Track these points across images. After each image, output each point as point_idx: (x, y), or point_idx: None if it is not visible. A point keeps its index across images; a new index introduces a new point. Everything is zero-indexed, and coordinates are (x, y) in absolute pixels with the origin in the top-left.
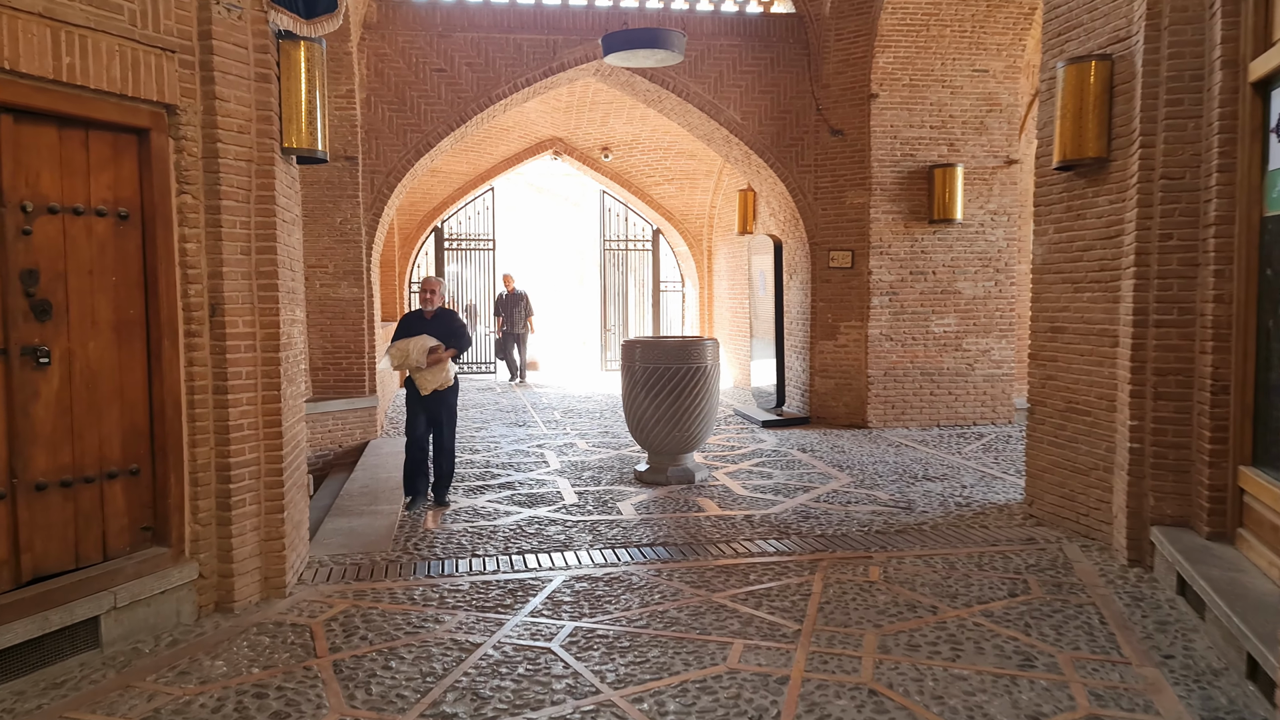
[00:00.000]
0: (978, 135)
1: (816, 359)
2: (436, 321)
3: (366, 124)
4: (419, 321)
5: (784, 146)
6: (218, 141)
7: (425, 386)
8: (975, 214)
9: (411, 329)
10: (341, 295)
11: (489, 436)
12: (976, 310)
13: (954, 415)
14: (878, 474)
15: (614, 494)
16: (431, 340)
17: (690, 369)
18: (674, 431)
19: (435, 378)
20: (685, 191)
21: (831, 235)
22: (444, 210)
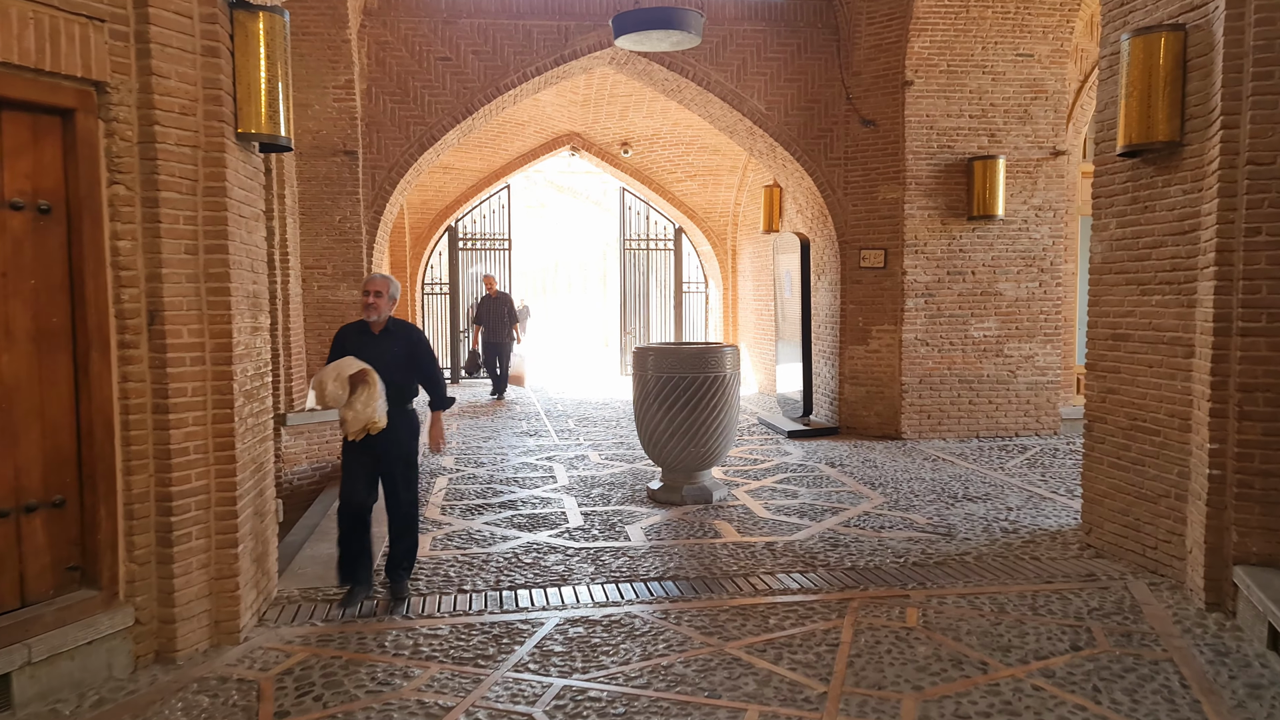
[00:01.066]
0: (1021, 125)
1: (846, 365)
2: (388, 340)
3: (367, 116)
4: (361, 340)
5: (811, 138)
6: (156, 124)
7: (350, 427)
8: (1018, 210)
9: (345, 352)
10: (340, 298)
11: (496, 448)
12: (1019, 313)
13: (995, 426)
14: (913, 493)
15: (623, 516)
16: (356, 363)
17: (707, 379)
18: (690, 447)
19: (363, 413)
20: (708, 188)
21: (862, 233)
22: (457, 209)
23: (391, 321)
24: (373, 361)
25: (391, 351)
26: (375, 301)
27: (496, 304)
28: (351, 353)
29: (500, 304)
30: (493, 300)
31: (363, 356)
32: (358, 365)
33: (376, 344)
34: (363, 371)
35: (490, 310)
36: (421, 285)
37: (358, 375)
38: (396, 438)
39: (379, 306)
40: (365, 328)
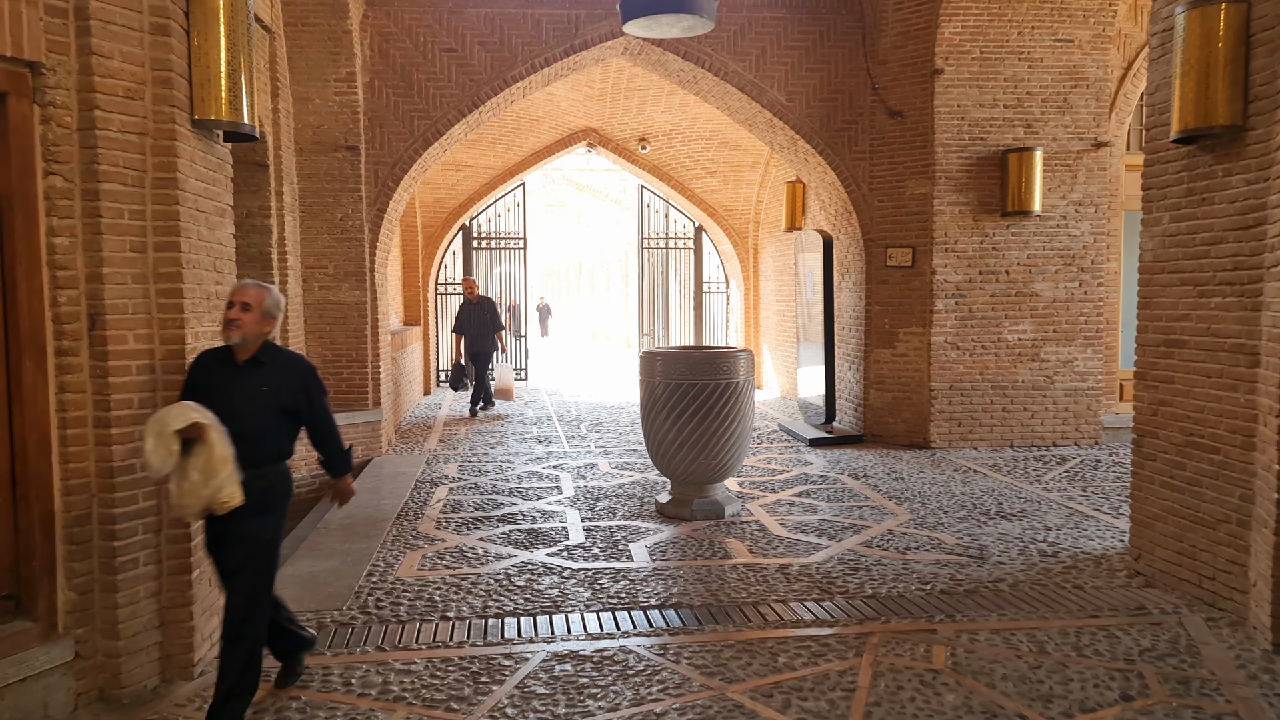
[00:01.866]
0: (1060, 115)
1: (871, 369)
2: (255, 375)
3: (370, 110)
4: (219, 373)
5: (835, 131)
6: (97, 109)
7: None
8: (1056, 205)
9: (197, 389)
10: (342, 298)
11: (503, 455)
12: (1057, 315)
13: (1030, 435)
14: (942, 509)
15: (628, 532)
16: (189, 413)
17: (719, 386)
18: (700, 459)
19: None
20: (729, 185)
21: (889, 230)
22: (471, 207)
23: (265, 349)
24: (229, 404)
25: (258, 391)
26: (239, 317)
27: (478, 310)
28: (205, 390)
29: (482, 310)
30: (473, 306)
31: (217, 397)
32: (189, 416)
33: (237, 380)
34: (194, 426)
35: (471, 317)
36: (435, 285)
37: (189, 430)
38: (250, 514)
39: (243, 325)
40: (229, 355)
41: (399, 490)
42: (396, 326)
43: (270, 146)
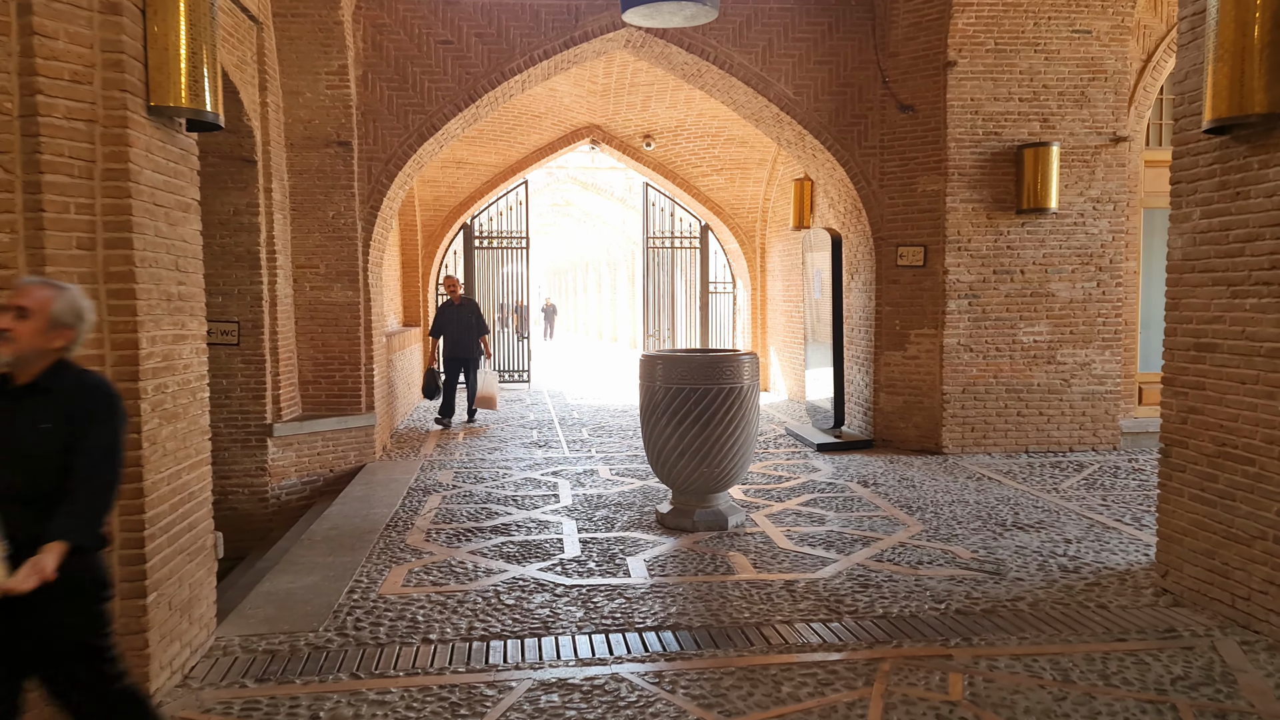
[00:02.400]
0: (1077, 109)
1: (882, 372)
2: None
3: (363, 104)
4: None
5: (844, 126)
6: (39, 94)
7: None
8: (1073, 202)
9: None
10: (334, 299)
11: (500, 460)
12: (1074, 316)
13: (1046, 440)
14: (955, 519)
15: (626, 544)
16: None
17: (722, 390)
18: (702, 467)
19: None
20: (735, 183)
21: (900, 228)
22: (471, 205)
23: (54, 371)
24: None
25: (33, 428)
26: (12, 327)
27: (461, 312)
28: None
29: (465, 312)
30: (455, 308)
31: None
32: None
33: (8, 412)
34: None
35: (453, 319)
36: (435, 285)
37: None
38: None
39: (16, 337)
40: (4, 380)
41: (390, 498)
42: (395, 328)
43: (258, 141)
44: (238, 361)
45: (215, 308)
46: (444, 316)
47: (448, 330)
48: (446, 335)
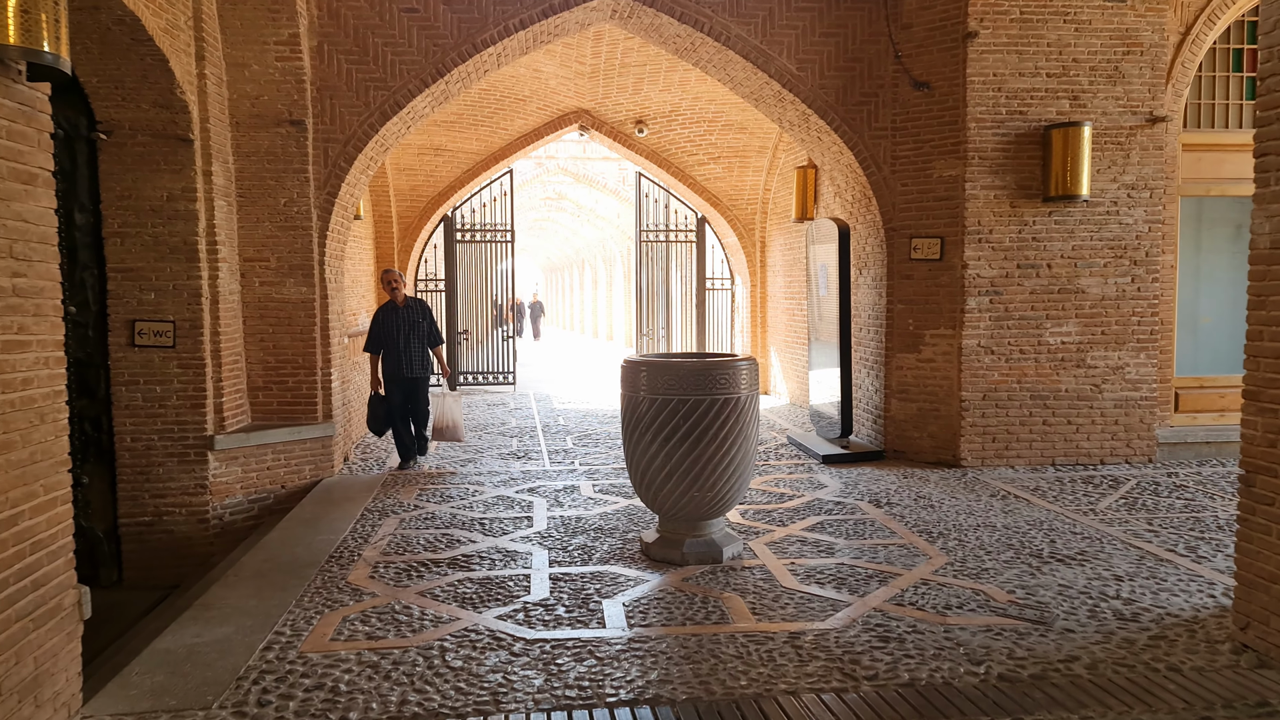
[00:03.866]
0: (1110, 85)
1: (893, 376)
2: None
3: (318, 79)
4: None
5: (852, 105)
6: None
7: None
8: (1106, 188)
9: None
10: (286, 296)
11: (473, 475)
12: (1106, 314)
13: (1074, 451)
14: (984, 548)
15: (604, 582)
16: None
17: (716, 402)
18: (693, 491)
19: None
20: (734, 172)
21: (914, 218)
22: (452, 195)
23: None
24: None
25: None
26: None
27: (404, 317)
28: None
29: (410, 317)
30: (397, 311)
31: None
32: None
33: None
34: None
35: (396, 327)
36: (415, 281)
37: None
38: None
39: None
40: None
41: (341, 522)
42: (367, 326)
43: (195, 118)
44: (173, 366)
45: (148, 305)
46: (383, 323)
47: (389, 342)
48: (388, 349)
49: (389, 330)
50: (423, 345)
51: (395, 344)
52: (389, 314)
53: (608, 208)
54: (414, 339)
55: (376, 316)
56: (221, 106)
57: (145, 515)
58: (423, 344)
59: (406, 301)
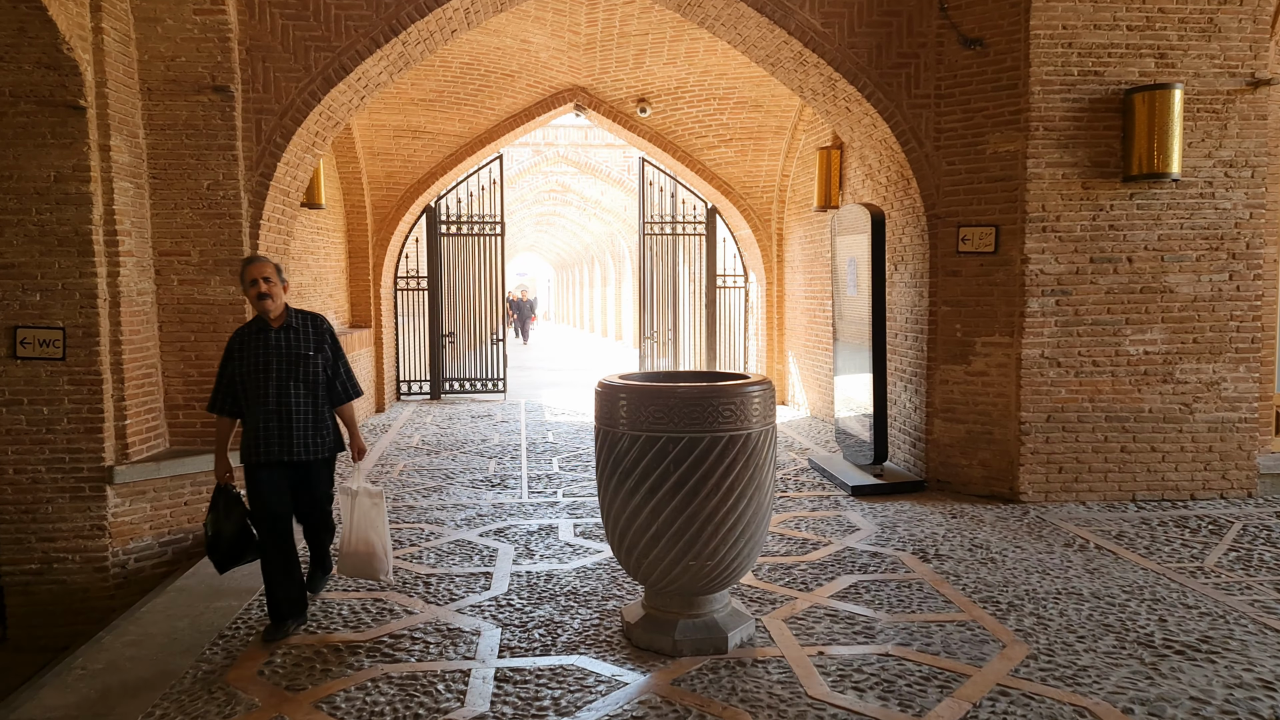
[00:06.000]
0: (1204, 40)
1: (937, 392)
2: None
3: (248, 37)
4: None
5: (888, 68)
6: None
7: None
8: (1199, 166)
9: None
10: (212, 296)
11: (435, 510)
12: (1199, 319)
13: (1158, 484)
14: (1072, 629)
15: (566, 688)
16: None
17: (719, 441)
18: (687, 560)
19: None
20: (748, 155)
21: (962, 203)
22: (433, 183)
23: None
24: None
25: None
26: None
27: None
28: None
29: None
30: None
31: None
32: None
33: None
34: None
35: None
36: (395, 279)
37: None
38: None
39: None
40: None
41: (255, 578)
42: (336, 329)
43: (90, 81)
44: (64, 382)
45: (32, 308)
46: (240, 357)
47: (253, 391)
48: (250, 403)
49: (251, 369)
50: (315, 399)
51: (262, 395)
52: (251, 341)
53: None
54: (298, 387)
55: (230, 346)
56: (128, 69)
57: (31, 562)
58: (315, 396)
59: (289, 318)
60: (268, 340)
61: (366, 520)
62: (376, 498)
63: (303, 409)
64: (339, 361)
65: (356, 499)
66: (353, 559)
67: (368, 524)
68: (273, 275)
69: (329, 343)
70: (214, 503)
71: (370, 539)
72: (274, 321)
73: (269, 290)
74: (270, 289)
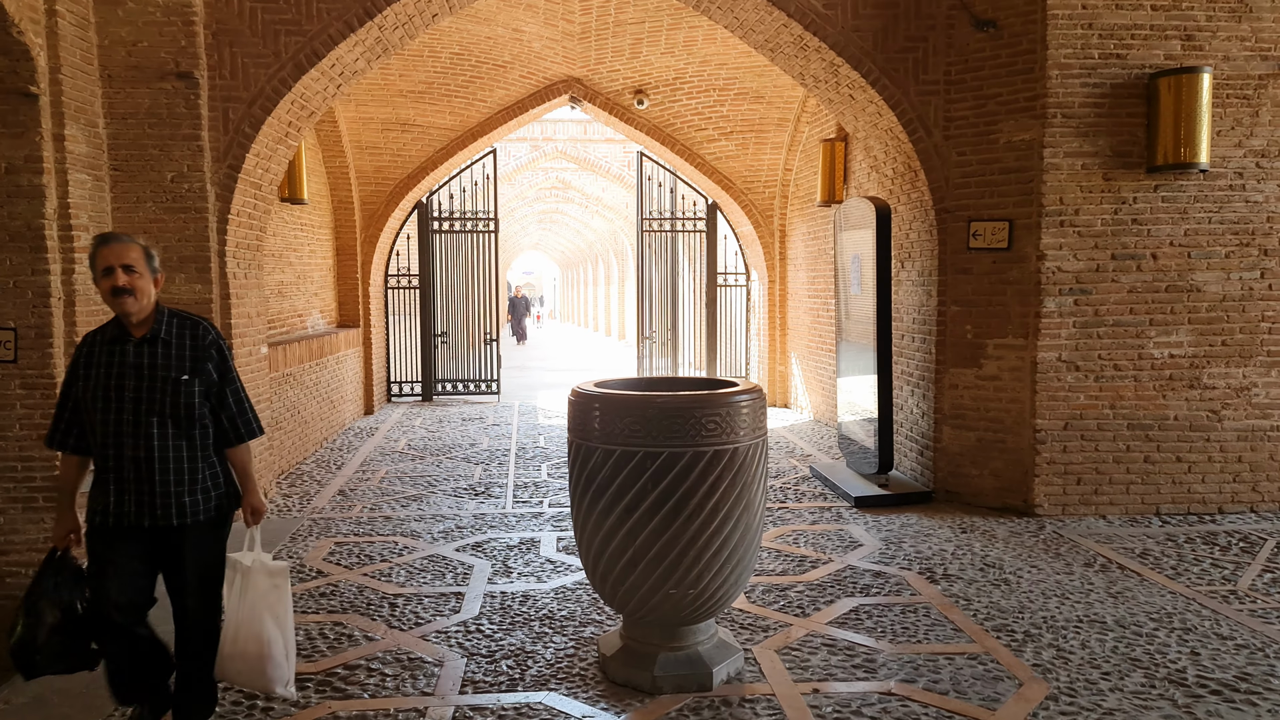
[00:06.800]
0: (1234, 21)
1: (946, 397)
2: None
3: (214, 20)
4: None
5: (894, 52)
6: None
7: None
8: (1229, 156)
9: None
10: (176, 295)
11: (411, 520)
12: (1228, 319)
13: (1184, 496)
14: (1095, 665)
15: None
16: None
17: (703, 456)
18: (667, 588)
19: None
20: (749, 149)
21: (974, 196)
22: (424, 178)
23: None
24: None
25: None
26: None
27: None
28: None
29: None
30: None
31: None
32: None
33: None
34: None
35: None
36: (385, 277)
37: None
38: None
39: None
40: None
41: None
42: (322, 328)
43: (43, 66)
44: (16, 386)
45: None
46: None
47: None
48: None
49: (97, 394)
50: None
51: (112, 432)
52: (101, 354)
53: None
54: (164, 423)
55: (75, 358)
56: (86, 54)
57: None
58: (191, 437)
59: (159, 325)
60: (124, 355)
61: (261, 607)
62: (279, 576)
63: (171, 454)
64: (228, 388)
65: (249, 577)
66: (237, 662)
67: (263, 613)
68: (138, 263)
69: (214, 362)
70: (38, 580)
71: (264, 634)
72: (135, 329)
73: (131, 283)
74: (133, 281)
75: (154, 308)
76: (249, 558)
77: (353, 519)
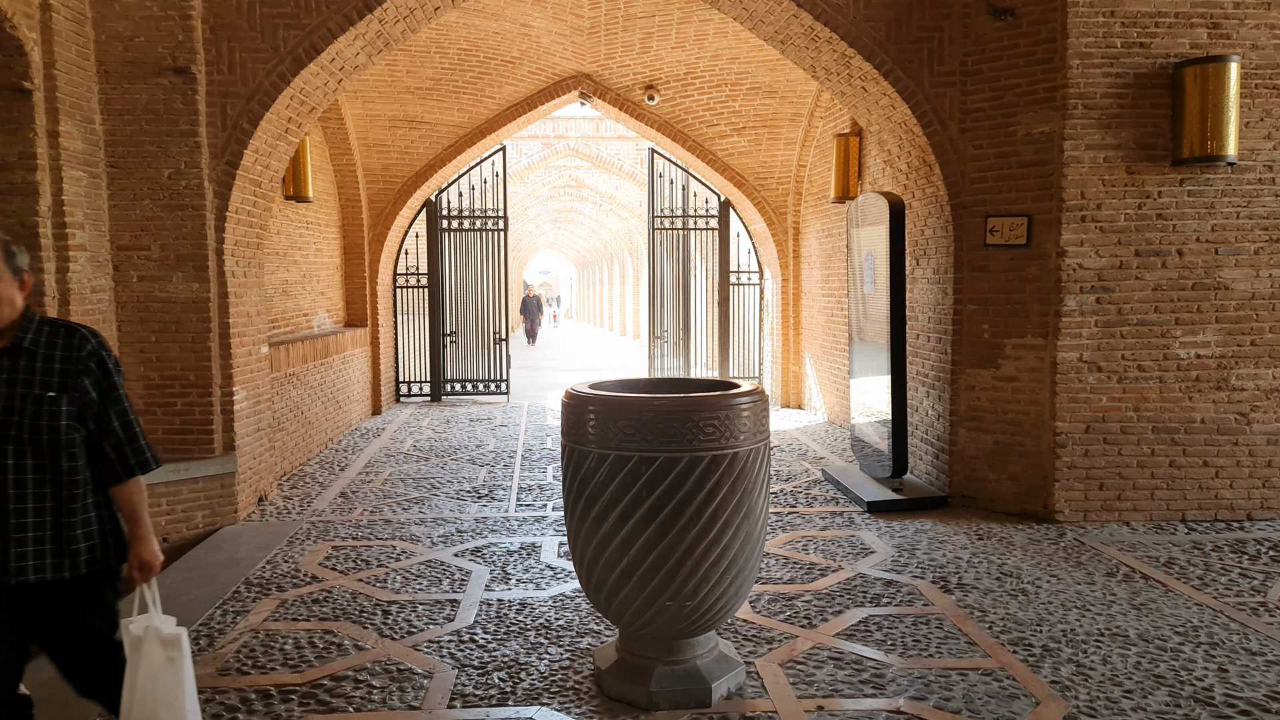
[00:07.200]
0: (1263, 8)
1: (962, 399)
2: None
3: (212, 15)
4: None
5: (908, 42)
6: None
7: None
8: (1258, 148)
9: None
10: (173, 294)
11: (412, 523)
12: (1258, 318)
13: (1211, 502)
14: (1116, 680)
15: None
16: None
17: (701, 461)
18: (664, 599)
19: None
20: (762, 145)
21: (991, 190)
22: (432, 176)
23: None
24: None
25: None
26: None
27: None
28: None
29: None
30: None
31: None
32: None
33: None
34: None
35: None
36: (394, 276)
37: None
38: None
39: None
40: None
41: (197, 606)
42: (328, 328)
43: (37, 61)
44: None
45: None
46: None
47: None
48: None
49: None
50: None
51: None
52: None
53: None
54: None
55: None
56: (82, 48)
57: None
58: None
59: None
60: None
61: (153, 691)
62: (173, 646)
63: (30, 490)
64: (112, 409)
65: (139, 650)
66: None
67: (157, 691)
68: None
69: (92, 377)
70: None
71: (160, 715)
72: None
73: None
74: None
75: (20, 314)
76: (141, 623)
77: (352, 522)
